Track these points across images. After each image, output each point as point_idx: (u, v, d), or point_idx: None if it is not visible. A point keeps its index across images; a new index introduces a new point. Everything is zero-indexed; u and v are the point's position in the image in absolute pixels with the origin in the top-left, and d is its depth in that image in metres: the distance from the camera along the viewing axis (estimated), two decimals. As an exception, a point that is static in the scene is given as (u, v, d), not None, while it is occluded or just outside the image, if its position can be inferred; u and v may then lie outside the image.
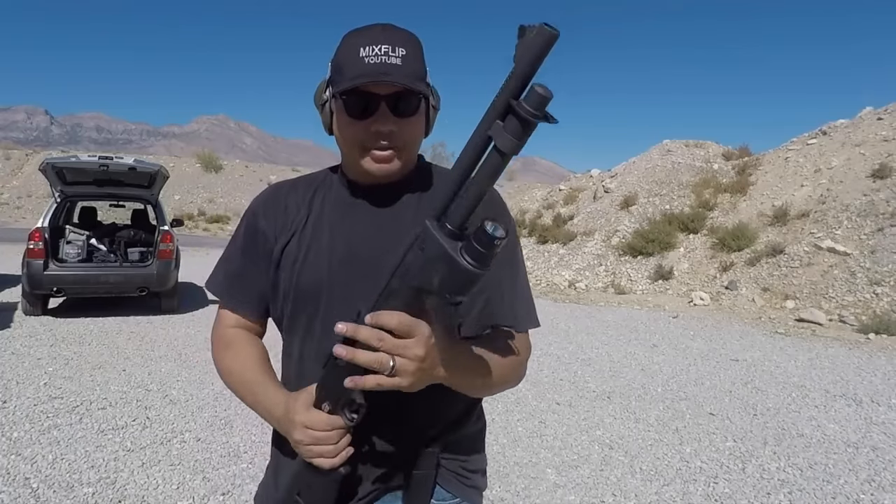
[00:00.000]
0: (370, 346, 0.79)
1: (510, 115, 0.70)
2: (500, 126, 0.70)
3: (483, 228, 0.71)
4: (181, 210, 30.77)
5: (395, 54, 0.95)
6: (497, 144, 0.71)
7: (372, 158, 1.00)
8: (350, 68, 0.96)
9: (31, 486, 3.04)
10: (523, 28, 0.69)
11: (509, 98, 0.70)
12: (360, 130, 0.98)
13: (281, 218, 1.10)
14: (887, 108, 14.48)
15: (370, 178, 1.06)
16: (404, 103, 0.98)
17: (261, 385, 1.05)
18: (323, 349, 0.96)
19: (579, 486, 3.35)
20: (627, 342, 7.43)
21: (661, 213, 14.37)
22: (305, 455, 0.92)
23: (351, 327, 0.79)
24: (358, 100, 0.97)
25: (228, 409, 4.27)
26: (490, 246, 0.71)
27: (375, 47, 0.95)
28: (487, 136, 0.72)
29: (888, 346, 7.44)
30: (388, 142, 0.98)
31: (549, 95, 0.68)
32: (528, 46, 0.68)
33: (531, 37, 0.68)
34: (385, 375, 0.80)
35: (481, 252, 0.71)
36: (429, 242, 0.75)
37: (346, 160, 1.08)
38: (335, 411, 0.89)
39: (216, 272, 1.18)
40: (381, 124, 0.97)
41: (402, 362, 0.79)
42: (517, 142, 0.70)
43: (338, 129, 1.03)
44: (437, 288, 0.75)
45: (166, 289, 7.72)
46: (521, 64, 0.69)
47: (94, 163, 7.48)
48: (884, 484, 3.50)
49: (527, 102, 0.68)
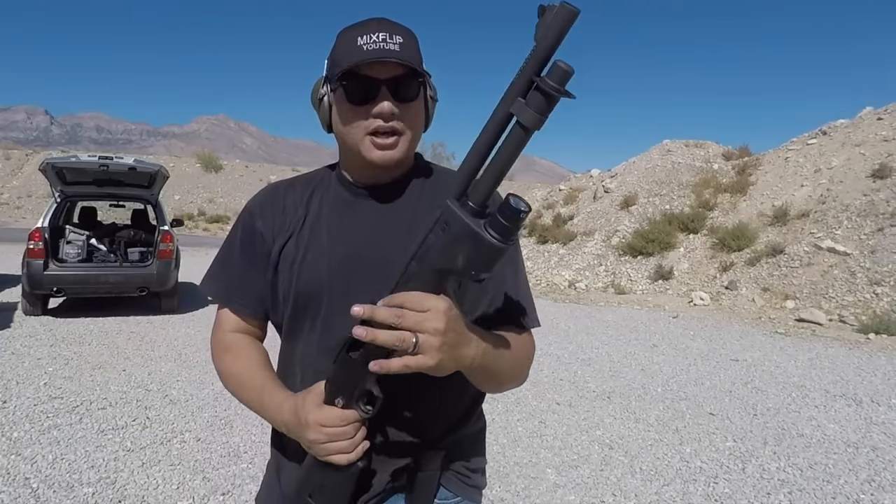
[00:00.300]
0: (389, 326, 0.78)
1: (533, 90, 0.71)
2: (522, 103, 0.72)
3: (508, 202, 0.72)
4: (181, 210, 30.77)
5: (392, 41, 0.95)
6: (520, 120, 0.72)
7: (374, 145, 0.98)
8: (348, 57, 0.95)
9: (31, 486, 3.04)
10: (543, 7, 0.71)
11: (532, 75, 0.72)
12: (360, 116, 0.97)
13: (279, 218, 1.09)
14: (887, 108, 14.48)
15: (370, 173, 1.04)
16: (405, 87, 0.97)
17: (264, 389, 1.03)
18: (327, 349, 0.96)
19: (579, 486, 3.35)
20: (627, 342, 7.43)
21: (661, 213, 14.37)
22: (321, 454, 0.90)
23: (368, 308, 0.78)
24: (358, 85, 0.96)
25: (228, 409, 4.27)
26: (515, 219, 0.72)
27: (373, 35, 0.95)
28: (508, 114, 0.73)
29: (888, 346, 7.44)
30: (391, 127, 0.97)
31: (572, 71, 0.70)
32: (549, 24, 0.70)
33: (552, 15, 0.70)
34: (409, 354, 0.78)
35: (506, 226, 0.73)
36: (452, 221, 0.75)
37: (346, 155, 1.07)
38: (349, 405, 0.88)
39: (213, 275, 1.16)
40: (382, 107, 0.95)
41: (424, 338, 0.78)
42: (541, 116, 0.72)
43: (337, 120, 1.01)
44: (462, 266, 0.75)
45: (166, 289, 7.73)
46: (544, 41, 0.71)
47: (94, 163, 7.49)
48: (884, 484, 3.50)
49: (550, 78, 0.70)
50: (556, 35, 0.70)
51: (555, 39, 0.70)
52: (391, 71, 0.95)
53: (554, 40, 0.70)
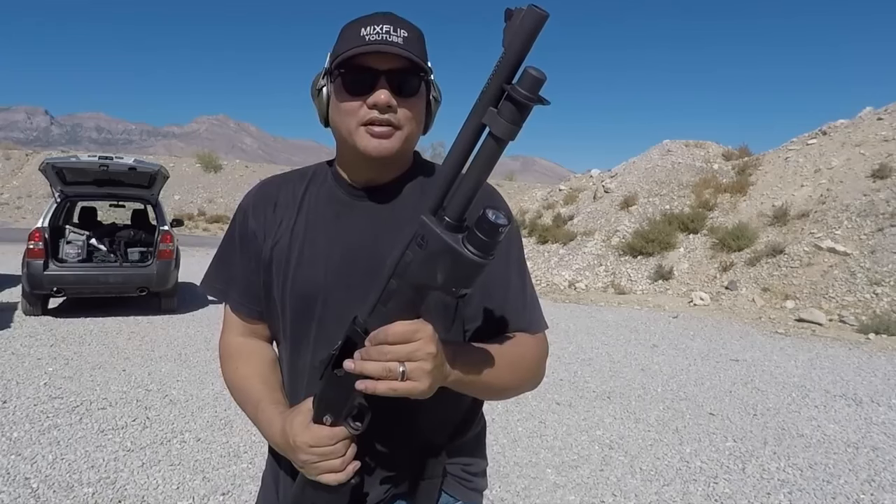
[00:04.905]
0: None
1: (505, 100, 0.69)
2: (494, 112, 0.69)
3: (485, 216, 0.70)
4: (181, 210, 30.77)
5: (396, 34, 0.93)
6: (493, 131, 0.70)
7: (369, 134, 0.94)
8: (348, 46, 0.93)
9: (31, 486, 3.04)
10: (510, 11, 0.68)
11: (502, 83, 0.69)
12: (356, 107, 0.94)
13: (270, 216, 1.07)
14: (887, 108, 14.48)
15: (366, 171, 1.02)
16: (404, 81, 0.94)
17: (259, 405, 1.01)
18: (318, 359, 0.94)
19: (579, 486, 3.35)
20: (627, 342, 7.43)
21: (661, 213, 14.36)
22: (312, 473, 0.89)
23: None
24: (356, 75, 0.93)
25: (228, 409, 4.27)
26: (493, 234, 0.70)
27: (377, 27, 0.93)
28: (481, 125, 0.71)
29: (888, 346, 7.44)
30: (386, 119, 0.93)
31: (543, 77, 0.67)
32: (517, 30, 0.67)
33: (520, 19, 0.67)
34: (398, 381, 0.78)
35: (484, 241, 0.70)
36: (429, 237, 0.73)
37: (342, 150, 1.04)
38: (338, 423, 0.87)
39: (212, 273, 1.14)
40: (378, 96, 0.92)
41: (415, 366, 0.78)
42: (514, 126, 0.69)
43: (334, 112, 0.98)
44: (442, 282, 0.73)
45: (166, 289, 7.73)
46: (512, 48, 0.68)
47: (94, 163, 7.49)
48: (884, 484, 3.50)
49: (521, 86, 0.67)
50: (524, 41, 0.67)
51: (524, 45, 0.67)
52: (391, 63, 0.92)
53: (523, 46, 0.67)
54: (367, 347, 0.80)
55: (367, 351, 0.79)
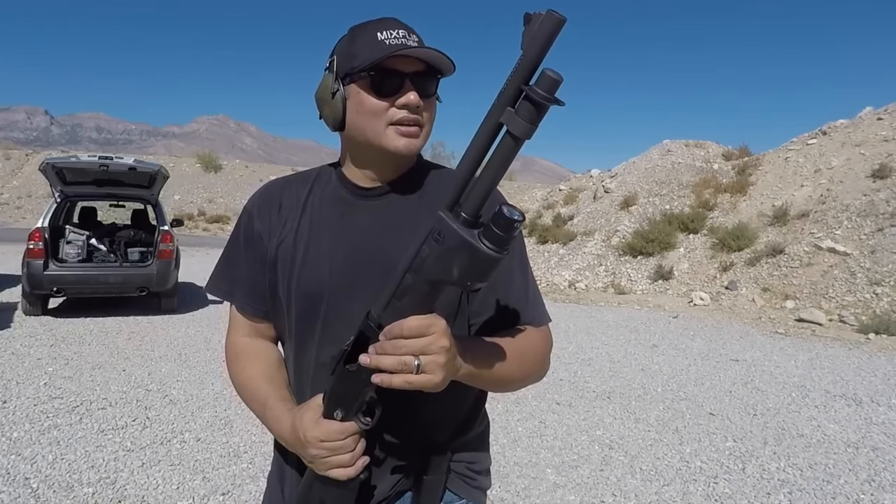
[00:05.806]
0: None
1: (523, 100, 0.71)
2: (511, 112, 0.72)
3: (501, 212, 0.73)
4: (181, 210, 30.76)
5: (410, 39, 0.97)
6: (511, 130, 0.72)
7: (399, 133, 0.98)
8: (371, 51, 0.96)
9: (31, 486, 3.04)
10: (529, 15, 0.71)
11: (520, 84, 0.71)
12: (385, 108, 0.97)
13: (275, 216, 1.08)
14: (887, 108, 14.48)
15: (374, 174, 1.04)
16: (426, 83, 0.98)
17: (266, 403, 1.03)
18: (327, 356, 0.95)
19: (579, 486, 3.35)
20: (627, 342, 7.43)
21: (661, 213, 14.36)
22: (322, 468, 0.90)
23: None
24: (385, 77, 0.96)
25: (228, 409, 4.27)
26: (509, 229, 0.73)
27: (393, 31, 0.96)
28: (497, 125, 0.74)
29: (888, 346, 7.44)
30: (415, 118, 0.98)
31: (560, 79, 0.70)
32: (536, 33, 0.70)
33: (539, 23, 0.70)
34: (412, 374, 0.80)
35: (501, 236, 0.73)
36: (446, 233, 0.75)
37: (357, 152, 1.05)
38: (348, 417, 0.88)
39: (218, 274, 1.15)
40: (409, 98, 0.96)
41: (430, 359, 0.80)
42: (531, 126, 0.72)
43: (355, 114, 0.99)
44: (458, 277, 0.75)
45: (166, 289, 7.73)
46: (531, 50, 0.70)
47: (94, 163, 7.49)
48: (884, 484, 3.50)
49: (539, 87, 0.70)
50: (542, 44, 0.70)
51: (542, 48, 0.70)
52: (413, 66, 0.97)
53: (541, 49, 0.70)
54: (382, 342, 0.81)
55: (382, 345, 0.81)
